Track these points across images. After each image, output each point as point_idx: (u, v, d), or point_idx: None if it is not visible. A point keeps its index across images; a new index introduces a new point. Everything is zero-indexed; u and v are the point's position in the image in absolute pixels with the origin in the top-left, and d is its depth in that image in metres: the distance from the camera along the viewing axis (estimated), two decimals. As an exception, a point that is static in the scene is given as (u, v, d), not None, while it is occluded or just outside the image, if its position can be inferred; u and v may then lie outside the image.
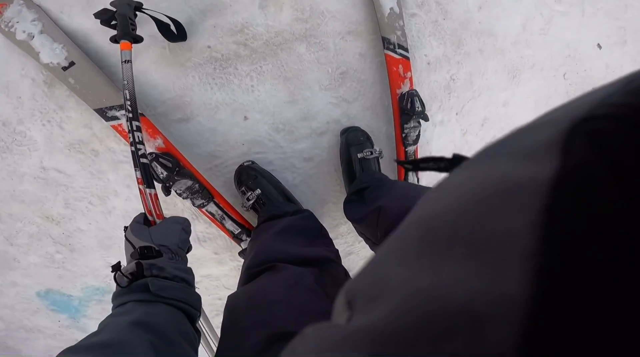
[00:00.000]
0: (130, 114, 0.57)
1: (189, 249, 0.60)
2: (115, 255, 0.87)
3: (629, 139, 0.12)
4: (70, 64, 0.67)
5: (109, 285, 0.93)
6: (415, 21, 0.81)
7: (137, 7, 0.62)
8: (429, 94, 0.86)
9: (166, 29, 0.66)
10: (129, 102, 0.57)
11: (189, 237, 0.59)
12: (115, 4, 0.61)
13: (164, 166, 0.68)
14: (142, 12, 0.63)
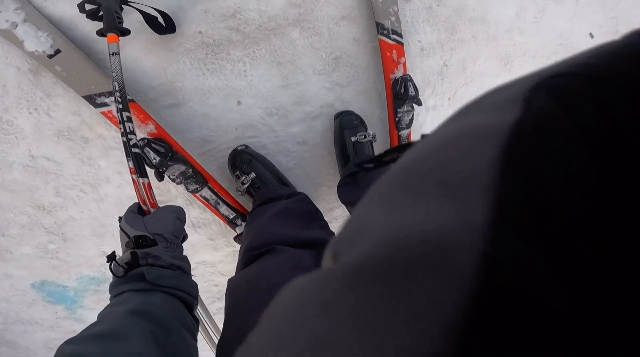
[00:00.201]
0: (120, 105, 0.57)
1: (184, 238, 0.59)
2: (109, 243, 0.86)
3: (586, 92, 0.13)
4: (56, 52, 0.65)
5: (104, 274, 0.92)
6: (409, 7, 0.80)
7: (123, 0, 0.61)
8: (422, 80, 0.86)
9: (154, 22, 0.64)
10: (118, 94, 0.57)
11: (184, 225, 0.59)
12: (100, -3, 0.59)
13: (157, 151, 0.67)
14: (128, 5, 0.62)
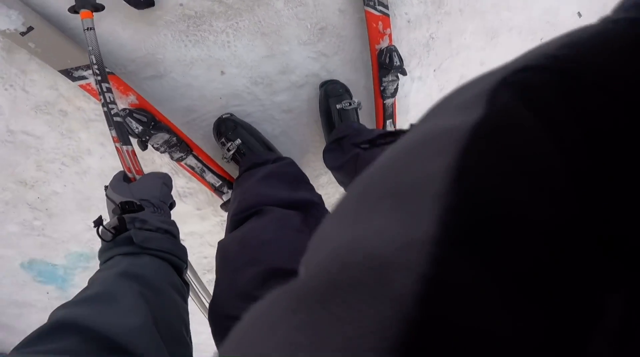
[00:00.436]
0: (99, 77, 0.57)
1: (172, 205, 0.59)
2: (95, 217, 0.84)
3: (551, 86, 0.12)
4: (28, 29, 0.63)
5: (92, 250, 0.92)
6: (396, -22, 0.80)
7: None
8: (408, 51, 0.86)
9: None
10: (96, 67, 0.57)
11: (171, 191, 0.59)
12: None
13: (139, 121, 0.66)
14: None
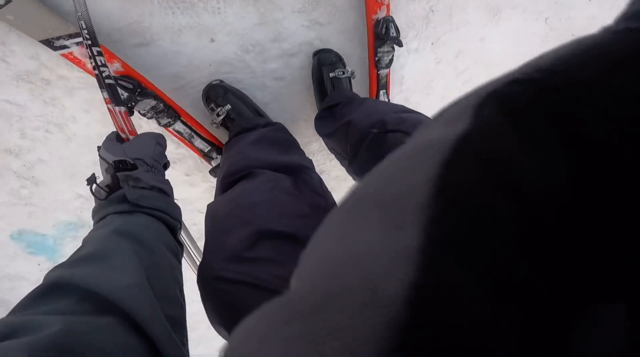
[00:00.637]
0: (89, 42, 0.56)
1: (166, 166, 0.59)
2: (82, 185, 0.84)
3: (537, 101, 0.12)
4: (6, 2, 0.60)
5: (80, 218, 0.92)
6: (397, -56, 0.76)
7: None
8: (406, 22, 0.83)
9: None
10: (86, 31, 0.56)
11: (165, 151, 0.58)
12: None
13: (124, 88, 0.64)
14: None
